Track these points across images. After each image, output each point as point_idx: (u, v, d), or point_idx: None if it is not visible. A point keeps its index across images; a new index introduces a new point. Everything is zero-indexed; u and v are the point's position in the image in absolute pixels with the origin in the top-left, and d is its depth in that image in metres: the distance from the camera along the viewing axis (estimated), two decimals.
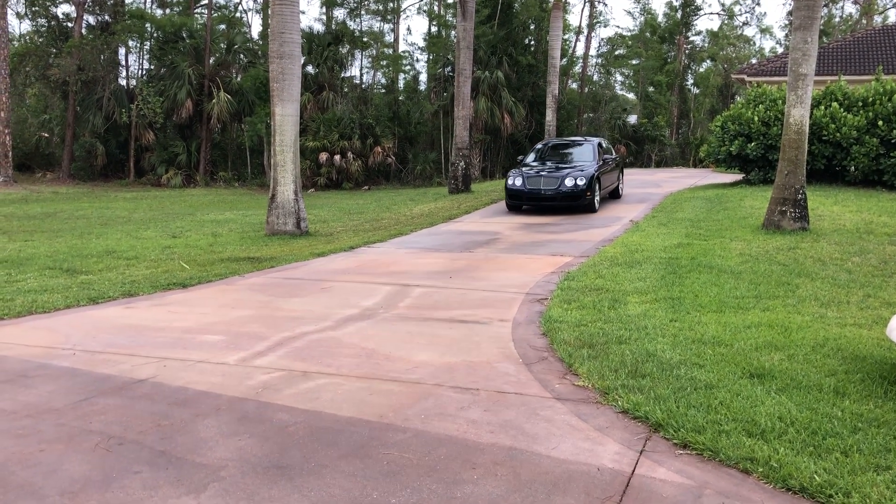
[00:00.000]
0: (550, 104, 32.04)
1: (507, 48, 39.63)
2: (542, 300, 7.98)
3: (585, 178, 16.13)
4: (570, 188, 16.02)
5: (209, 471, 3.85)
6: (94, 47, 37.99)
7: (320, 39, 39.45)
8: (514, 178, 16.89)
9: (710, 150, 22.23)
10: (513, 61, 39.59)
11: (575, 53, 50.84)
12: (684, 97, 54.39)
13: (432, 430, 4.38)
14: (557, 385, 5.20)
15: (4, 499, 3.55)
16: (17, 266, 10.72)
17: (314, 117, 36.59)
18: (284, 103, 14.42)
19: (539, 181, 16.47)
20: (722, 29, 57.32)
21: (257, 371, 5.61)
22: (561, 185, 16.14)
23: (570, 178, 16.18)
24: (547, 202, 16.39)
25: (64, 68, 37.14)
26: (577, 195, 16.00)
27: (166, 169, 37.82)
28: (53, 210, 22.09)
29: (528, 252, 11.50)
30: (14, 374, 5.58)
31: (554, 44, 33.78)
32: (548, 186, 16.27)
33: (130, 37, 41.18)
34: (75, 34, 38.91)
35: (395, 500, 3.53)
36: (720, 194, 18.87)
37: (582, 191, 15.99)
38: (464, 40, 23.09)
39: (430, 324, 7.09)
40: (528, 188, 16.50)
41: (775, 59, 30.25)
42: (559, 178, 16.30)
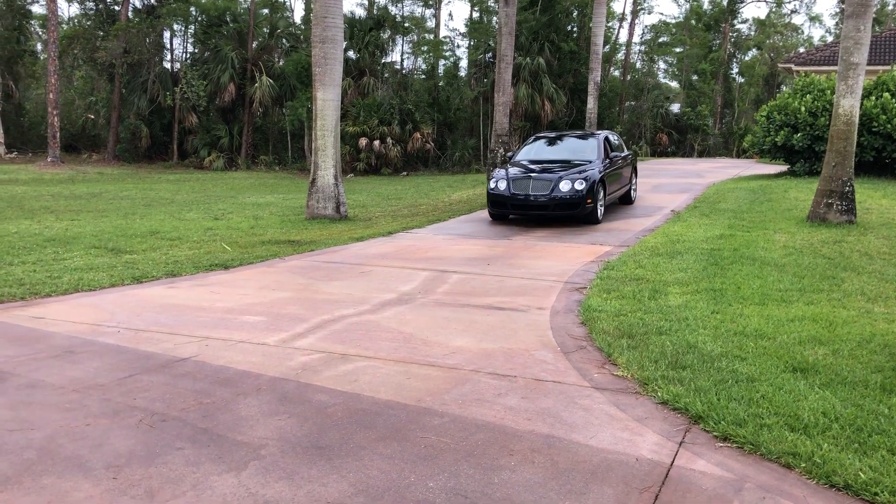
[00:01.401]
0: (592, 91, 31.74)
1: (548, 34, 39.25)
2: (581, 289, 7.93)
3: (586, 181, 12.77)
4: (566, 194, 12.69)
5: (249, 449, 3.91)
6: (140, 30, 38.50)
7: (362, 24, 39.48)
8: (498, 180, 13.42)
9: (755, 141, 21.85)
10: (554, 48, 39.21)
11: (618, 41, 50.25)
12: (729, 86, 53.43)
13: (469, 416, 4.39)
14: (596, 374, 5.17)
15: (54, 470, 3.64)
16: (63, 245, 10.95)
17: (354, 102, 36.69)
18: (326, 88, 14.48)
19: (527, 184, 13.00)
20: (769, 17, 56.11)
21: (297, 352, 5.66)
22: (555, 190, 12.76)
23: (566, 181, 12.76)
24: (537, 211, 13.05)
25: (110, 51, 37.71)
26: (574, 202, 12.69)
27: (209, 152, 38.28)
28: (99, 190, 22.50)
29: (566, 240, 11.43)
30: (61, 349, 5.71)
31: (597, 31, 33.40)
32: (538, 191, 12.86)
33: (175, 20, 41.67)
34: (122, 17, 39.48)
35: (432, 483, 3.55)
36: (764, 185, 18.55)
37: (581, 197, 12.66)
38: (506, 26, 22.92)
39: (468, 310, 7.09)
40: (514, 193, 13.06)
41: (824, 48, 29.56)
42: (553, 180, 12.85)
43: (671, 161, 32.62)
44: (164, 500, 3.36)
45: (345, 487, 3.49)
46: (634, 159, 16.78)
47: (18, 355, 5.53)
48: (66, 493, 3.41)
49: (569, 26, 42.21)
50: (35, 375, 5.07)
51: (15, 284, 7.98)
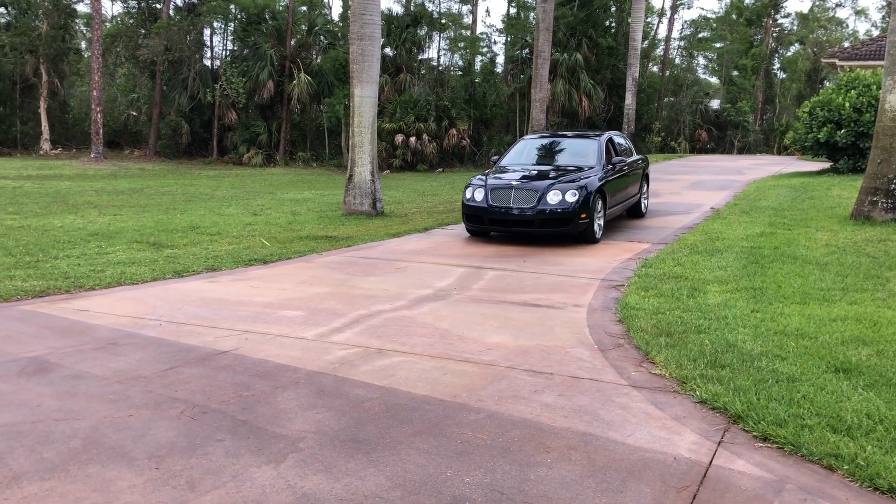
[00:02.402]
0: (630, 87, 31.47)
1: (586, 30, 38.97)
2: (619, 286, 7.88)
3: (580, 191, 10.51)
4: (555, 207, 10.44)
5: (288, 442, 3.96)
6: (181, 28, 39.04)
7: (399, 21, 39.57)
8: (475, 189, 11.17)
9: (797, 137, 21.49)
10: (592, 43, 38.93)
11: (657, 36, 49.69)
12: (770, 82, 52.54)
13: (506, 412, 4.39)
14: (633, 372, 5.14)
15: (98, 459, 3.72)
16: (107, 239, 11.16)
17: (391, 99, 36.81)
18: (363, 85, 14.55)
19: (508, 195, 10.74)
20: (813, 11, 55.05)
21: (334, 347, 5.71)
22: (542, 202, 10.50)
23: (555, 191, 10.55)
24: (519, 227, 10.81)
25: (152, 49, 38.29)
26: (565, 217, 10.44)
27: (248, 148, 38.69)
28: (140, 186, 22.89)
29: (604, 237, 11.36)
30: (105, 341, 5.83)
31: (635, 26, 33.09)
32: (522, 203, 10.61)
33: (215, 18, 42.14)
34: (163, 15, 40.06)
35: (468, 478, 3.56)
36: (806, 183, 18.24)
37: (573, 211, 10.41)
38: (543, 21, 22.83)
39: (504, 306, 7.09)
40: (493, 205, 10.79)
41: (870, 43, 28.92)
42: (539, 190, 10.60)
43: (710, 158, 32.21)
44: (204, 490, 3.41)
45: (382, 481, 3.52)
46: (646, 165, 14.15)
47: (64, 347, 5.66)
48: (110, 481, 3.48)
49: (607, 22, 41.87)
50: (80, 367, 5.18)
51: (60, 278, 8.16)
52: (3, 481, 3.47)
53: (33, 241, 10.81)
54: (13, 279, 8.01)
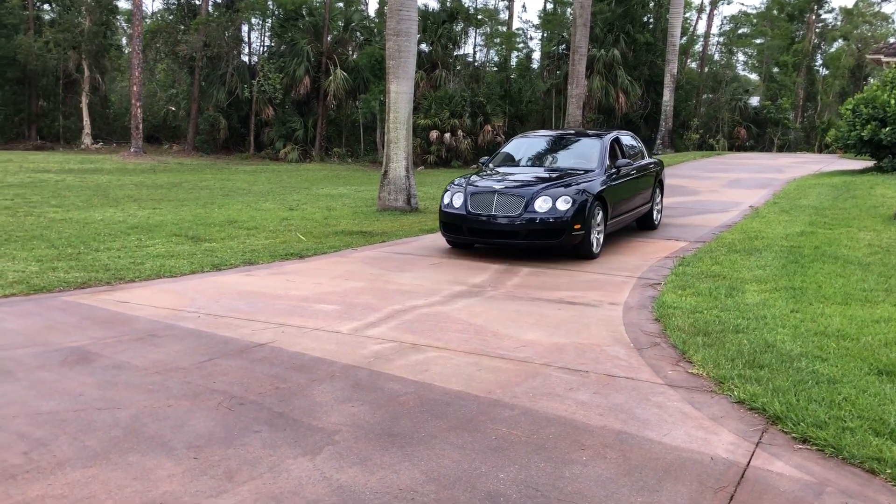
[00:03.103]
0: (668, 84, 31.16)
1: (624, 25, 38.64)
2: (655, 285, 7.81)
3: (573, 198, 9.10)
4: (543, 215, 9.04)
5: (324, 434, 3.99)
6: (220, 24, 39.48)
7: (435, 17, 39.59)
8: (453, 194, 9.80)
9: (839, 135, 21.10)
10: (630, 39, 38.59)
11: (695, 32, 49.07)
12: (812, 79, 51.58)
13: (540, 409, 4.38)
14: (670, 372, 5.09)
15: (138, 448, 3.79)
16: (146, 232, 11.34)
17: (426, 95, 36.86)
18: (399, 80, 14.58)
19: (490, 201, 9.32)
20: (857, 6, 53.90)
21: (369, 341, 5.75)
22: (528, 210, 9.10)
23: (544, 196, 9.14)
24: (502, 239, 9.43)
25: (191, 45, 38.79)
26: (555, 228, 9.02)
27: (284, 143, 39.03)
28: (179, 180, 23.21)
29: (641, 236, 11.26)
30: (144, 333, 5.92)
31: (674, 21, 32.74)
32: (506, 211, 9.21)
33: (253, 14, 42.56)
34: (202, 11, 40.54)
35: (503, 474, 3.56)
36: (848, 181, 17.90)
37: (565, 221, 8.97)
38: (580, 17, 22.68)
39: (539, 303, 7.07)
40: (473, 212, 9.39)
41: None
42: (526, 197, 9.19)
43: (749, 155, 31.75)
44: (242, 481, 3.46)
45: (416, 475, 3.53)
46: (659, 169, 12.49)
47: (105, 337, 5.76)
48: (150, 470, 3.54)
49: (645, 17, 41.46)
50: (120, 357, 5.27)
51: (101, 269, 8.31)
52: (47, 468, 3.55)
53: (75, 233, 11.02)
54: (56, 271, 8.17)
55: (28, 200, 15.47)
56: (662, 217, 12.82)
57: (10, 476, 3.45)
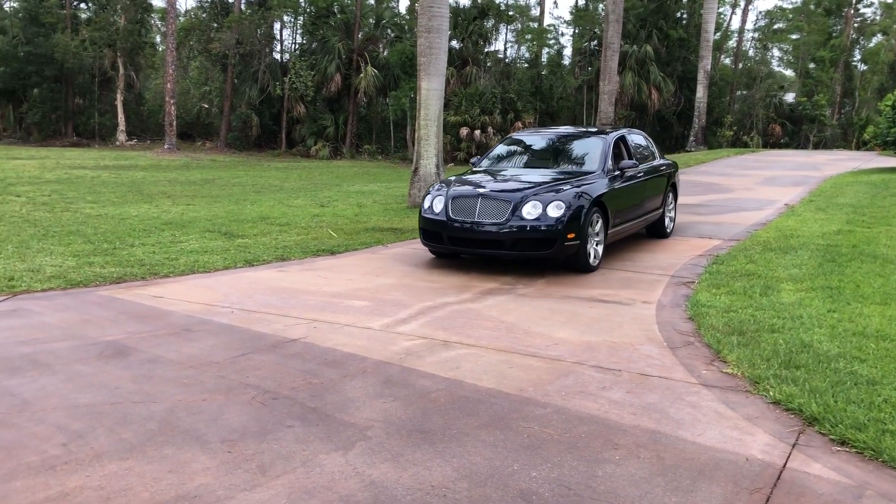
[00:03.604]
0: (702, 80, 30.81)
1: (656, 21, 38.28)
2: (689, 283, 7.73)
3: (566, 203, 8.11)
4: (532, 223, 8.05)
5: (356, 430, 4.00)
6: (252, 22, 39.81)
7: (466, 13, 39.55)
8: (434, 197, 8.84)
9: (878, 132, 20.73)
10: (662, 35, 38.22)
11: (729, 27, 48.48)
12: (850, 74, 50.69)
13: (573, 408, 4.35)
14: (704, 371, 5.03)
15: (173, 441, 3.83)
16: (180, 228, 11.47)
17: (456, 92, 36.83)
18: (430, 77, 14.58)
19: (473, 206, 8.35)
20: None
21: (400, 337, 5.76)
22: (515, 216, 8.10)
23: (534, 201, 8.16)
24: (486, 248, 8.35)
25: (224, 42, 39.16)
26: (545, 237, 8.04)
27: (315, 140, 39.26)
28: (212, 177, 23.45)
29: (675, 233, 11.15)
30: (179, 327, 5.99)
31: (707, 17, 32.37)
32: (490, 218, 8.20)
33: (285, 12, 42.84)
34: (235, 9, 40.90)
35: (535, 473, 3.54)
36: (887, 179, 17.56)
37: (557, 230, 7.99)
38: (613, 13, 22.50)
39: (570, 301, 7.03)
40: (454, 218, 8.40)
41: None
42: (513, 201, 8.21)
43: (784, 153, 31.29)
44: (275, 475, 3.48)
45: (448, 472, 3.53)
46: (672, 172, 11.38)
47: (140, 331, 5.84)
48: (184, 463, 3.58)
49: (678, 13, 41.03)
50: (155, 351, 5.34)
51: (136, 265, 8.42)
52: (85, 459, 3.60)
53: (110, 229, 11.18)
54: (92, 266, 8.30)
55: (65, 196, 15.73)
56: (676, 222, 11.73)
57: (50, 467, 3.51)
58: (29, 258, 8.57)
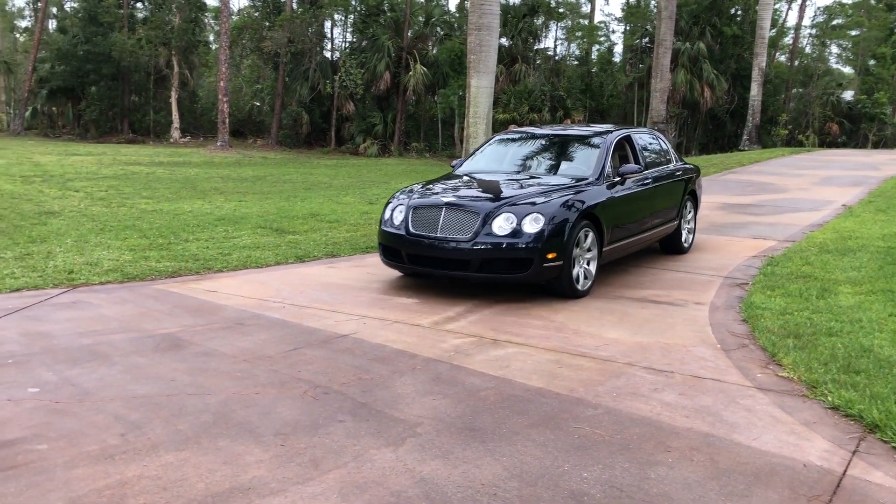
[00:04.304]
0: (756, 78, 30.23)
1: (710, 18, 37.66)
2: (742, 285, 7.59)
3: (546, 216, 6.84)
4: (503, 240, 6.79)
5: (406, 426, 4.02)
6: (303, 21, 40.25)
7: (516, 11, 39.43)
8: (395, 207, 7.61)
9: None
10: (716, 32, 37.58)
11: (785, 24, 47.43)
12: None
13: (624, 409, 4.31)
14: (759, 374, 4.93)
15: (227, 433, 3.89)
16: (233, 224, 11.65)
17: (505, 89, 36.76)
18: (480, 75, 14.58)
19: (435, 219, 7.10)
20: None
21: (449, 335, 5.76)
22: (483, 232, 6.84)
23: (506, 213, 6.90)
24: (448, 269, 7.03)
25: (276, 41, 39.66)
26: (520, 258, 6.79)
27: (364, 138, 39.56)
28: (263, 174, 23.78)
29: (727, 234, 10.96)
30: (232, 321, 6.09)
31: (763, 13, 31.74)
32: (453, 232, 6.95)
33: (336, 10, 43.25)
34: (287, 8, 41.39)
35: (586, 473, 3.51)
36: None
37: (533, 247, 6.72)
38: (666, 10, 22.20)
39: (621, 302, 6.96)
40: (413, 233, 7.17)
41: None
42: (481, 213, 6.93)
43: (842, 152, 30.49)
44: (327, 469, 3.51)
45: (499, 471, 3.52)
46: (691, 178, 9.81)
47: (195, 325, 5.95)
48: (238, 455, 3.64)
49: (732, 9, 40.29)
50: (210, 344, 5.44)
51: (191, 259, 8.58)
52: (143, 449, 3.68)
53: (165, 224, 11.41)
54: (148, 260, 8.48)
55: (121, 192, 16.10)
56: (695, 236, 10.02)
57: (109, 456, 3.60)
58: (87, 252, 8.80)
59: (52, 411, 4.14)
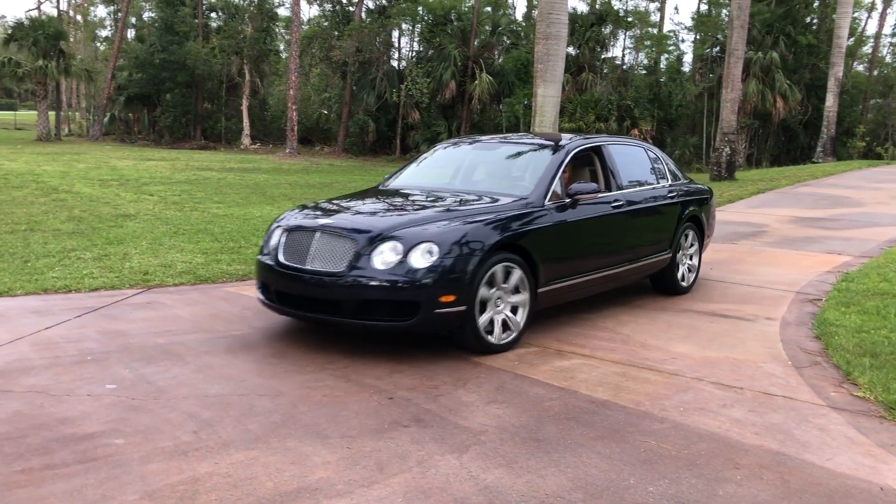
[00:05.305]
0: (832, 88, 29.35)
1: (784, 27, 36.72)
2: (815, 301, 7.37)
3: (443, 249, 5.25)
4: (384, 277, 5.21)
5: (470, 434, 4.03)
6: (372, 30, 40.77)
7: (583, 20, 39.17)
8: (272, 231, 6.07)
9: None
10: (790, 41, 36.62)
11: (864, 32, 45.96)
12: None
13: (691, 424, 4.24)
14: (833, 393, 4.79)
15: (295, 434, 3.97)
16: None
17: (571, 98, 36.50)
18: (547, 84, 14.53)
19: (306, 245, 5.58)
20: None
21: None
22: (358, 266, 5.28)
23: (393, 242, 5.34)
24: (317, 312, 5.47)
25: (344, 50, 40.24)
26: (403, 301, 5.22)
27: (428, 147, 39.76)
28: (330, 181, 24.14)
29: (799, 248, 10.66)
30: (300, 325, 6.20)
31: (841, 22, 30.83)
32: (324, 264, 5.41)
33: (404, 20, 43.68)
34: (356, 18, 42.00)
35: (652, 488, 3.47)
36: None
37: (422, 289, 5.15)
38: (738, 19, 21.75)
39: (689, 315, 6.84)
40: (283, 263, 5.64)
41: None
42: (360, 241, 5.37)
43: None
44: (392, 473, 3.55)
45: (563, 482, 3.51)
46: (697, 201, 8.07)
47: (264, 328, 6.08)
48: (306, 456, 3.71)
49: (808, 18, 39.25)
50: (278, 347, 5.55)
51: None
52: (214, 447, 3.78)
53: (236, 228, 11.69)
54: (219, 262, 8.70)
55: (193, 196, 16.56)
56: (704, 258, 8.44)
57: (182, 452, 3.71)
58: (161, 254, 9.08)
59: (129, 407, 4.29)
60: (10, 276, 7.54)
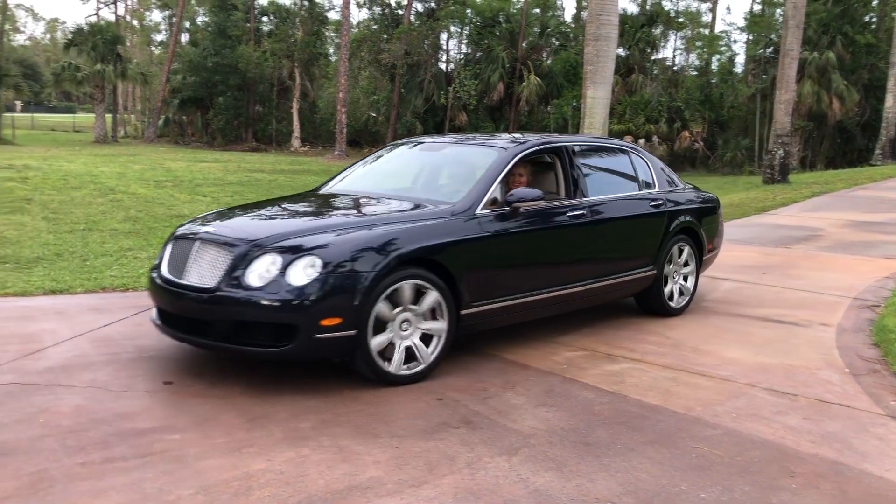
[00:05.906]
0: (891, 88, 28.59)
1: (841, 26, 35.88)
2: (873, 307, 7.19)
3: (328, 264, 4.48)
4: (257, 295, 4.44)
5: (519, 436, 4.03)
6: (420, 33, 41.01)
7: (633, 21, 38.84)
8: (167, 244, 5.27)
9: None
10: (847, 41, 35.76)
11: None
12: None
13: (744, 431, 4.17)
14: (893, 402, 4.67)
15: (346, 433, 4.02)
16: None
17: (621, 100, 36.19)
18: (597, 86, 14.42)
19: (185, 255, 4.89)
20: None
21: (561, 347, 5.74)
22: (231, 280, 4.52)
23: (272, 255, 4.56)
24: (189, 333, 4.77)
25: (393, 53, 40.56)
26: (280, 324, 4.48)
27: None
28: None
29: (856, 252, 10.40)
30: None
31: None
32: (199, 278, 4.69)
33: (452, 22, 43.83)
34: (405, 21, 42.30)
35: (704, 494, 3.43)
36: None
37: (299, 309, 4.40)
38: (793, 18, 21.32)
39: (741, 320, 6.73)
40: (165, 276, 4.92)
41: None
42: (235, 253, 4.62)
43: None
44: (441, 474, 3.57)
45: (613, 486, 3.49)
46: (691, 211, 7.07)
47: None
48: (357, 454, 3.75)
49: (866, 17, 38.28)
50: None
51: None
52: (267, 444, 3.85)
53: None
54: None
55: (245, 197, 16.83)
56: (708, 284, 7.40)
57: (236, 449, 3.79)
58: None
59: (184, 404, 4.38)
60: (70, 275, 7.77)
